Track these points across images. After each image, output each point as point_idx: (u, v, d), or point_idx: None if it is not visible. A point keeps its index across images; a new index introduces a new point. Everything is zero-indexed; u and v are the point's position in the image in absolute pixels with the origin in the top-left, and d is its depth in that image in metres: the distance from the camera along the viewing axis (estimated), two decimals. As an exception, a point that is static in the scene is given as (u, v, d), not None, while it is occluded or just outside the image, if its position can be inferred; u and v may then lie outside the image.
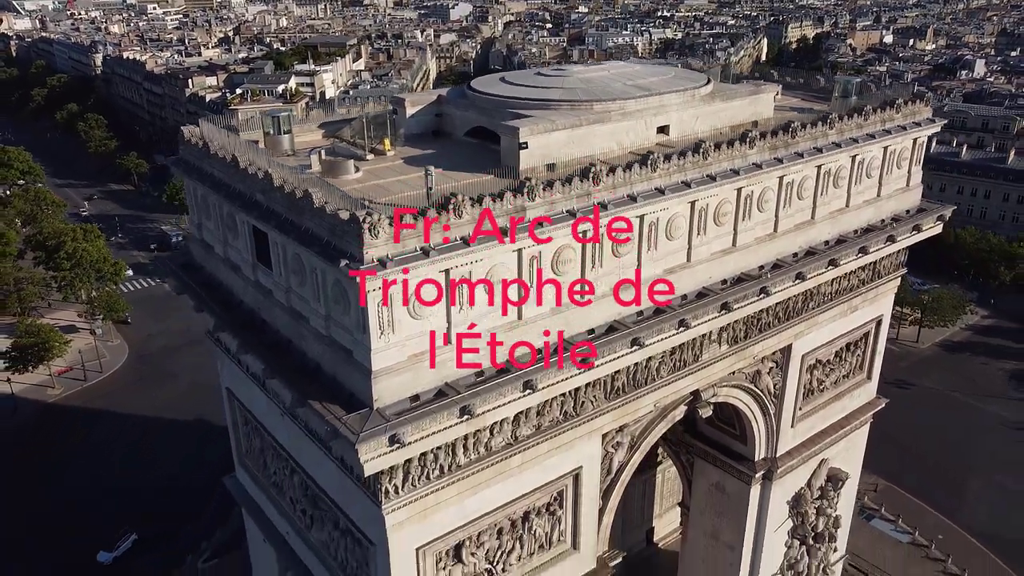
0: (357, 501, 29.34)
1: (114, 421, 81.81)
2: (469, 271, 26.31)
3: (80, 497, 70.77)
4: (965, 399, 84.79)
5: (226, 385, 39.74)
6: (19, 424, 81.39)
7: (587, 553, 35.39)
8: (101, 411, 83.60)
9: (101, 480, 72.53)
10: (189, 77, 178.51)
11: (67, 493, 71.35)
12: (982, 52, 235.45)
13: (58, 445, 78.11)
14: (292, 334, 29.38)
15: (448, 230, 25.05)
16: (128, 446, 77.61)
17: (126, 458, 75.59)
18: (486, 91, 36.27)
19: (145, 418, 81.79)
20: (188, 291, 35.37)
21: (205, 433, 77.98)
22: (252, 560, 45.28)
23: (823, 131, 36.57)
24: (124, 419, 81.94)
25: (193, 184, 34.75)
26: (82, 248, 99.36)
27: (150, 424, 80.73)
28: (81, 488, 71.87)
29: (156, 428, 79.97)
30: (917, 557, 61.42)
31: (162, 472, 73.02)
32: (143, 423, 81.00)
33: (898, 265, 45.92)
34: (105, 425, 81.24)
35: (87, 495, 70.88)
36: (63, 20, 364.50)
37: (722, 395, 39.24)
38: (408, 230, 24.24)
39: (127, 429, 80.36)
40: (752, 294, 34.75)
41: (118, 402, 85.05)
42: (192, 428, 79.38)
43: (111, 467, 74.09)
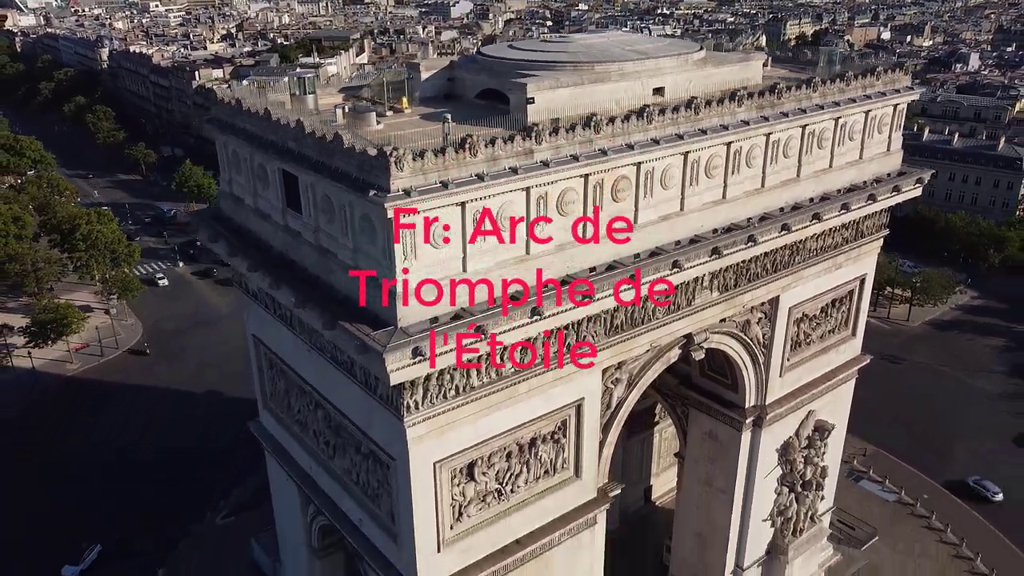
0: (379, 421, 32.27)
1: (130, 392, 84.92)
2: (482, 206, 29.25)
3: (103, 459, 73.91)
4: (952, 372, 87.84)
5: (252, 332, 42.76)
6: (41, 394, 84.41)
7: (589, 482, 38.30)
8: (118, 384, 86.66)
9: (122, 446, 75.40)
10: (196, 69, 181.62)
11: (90, 457, 74.33)
12: (978, 47, 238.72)
13: (78, 414, 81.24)
14: (320, 270, 32.32)
15: (465, 165, 27.99)
16: (145, 415, 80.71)
17: (143, 425, 78.66)
18: (495, 55, 39.27)
19: (159, 389, 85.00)
20: (220, 238, 38.28)
21: (215, 403, 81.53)
22: (275, 503, 48.18)
23: (807, 93, 39.51)
24: (140, 390, 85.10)
25: (226, 140, 37.64)
26: (97, 230, 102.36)
27: (164, 395, 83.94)
28: (103, 452, 74.98)
29: (170, 399, 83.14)
30: (903, 514, 64.36)
31: (177, 437, 76.08)
32: (158, 394, 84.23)
33: (880, 226, 48.71)
34: (122, 396, 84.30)
35: (109, 459, 73.98)
36: (67, 17, 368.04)
37: (714, 341, 42.16)
38: (429, 164, 27.18)
39: (143, 400, 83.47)
40: (740, 242, 37.66)
41: (134, 376, 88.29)
42: (203, 398, 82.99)
43: (130, 433, 76.95)
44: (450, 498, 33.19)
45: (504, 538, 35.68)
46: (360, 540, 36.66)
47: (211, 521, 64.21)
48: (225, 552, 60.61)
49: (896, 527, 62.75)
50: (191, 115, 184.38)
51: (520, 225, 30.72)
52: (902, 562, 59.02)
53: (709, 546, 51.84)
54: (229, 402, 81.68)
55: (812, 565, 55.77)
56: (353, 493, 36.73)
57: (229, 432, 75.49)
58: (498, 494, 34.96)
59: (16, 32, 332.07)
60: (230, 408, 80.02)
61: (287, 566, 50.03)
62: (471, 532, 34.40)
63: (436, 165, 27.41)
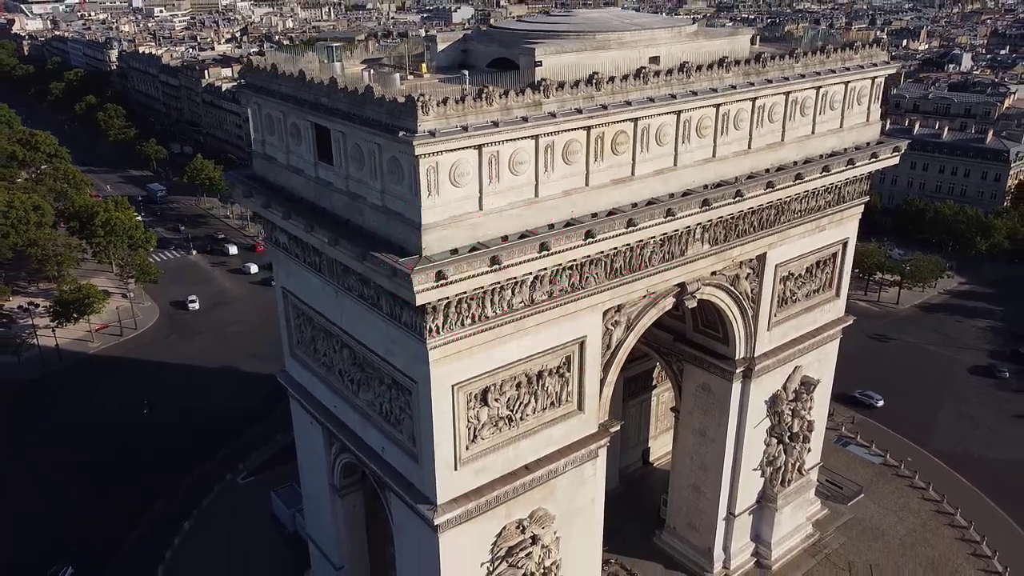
0: (402, 350, 35.87)
1: (151, 367, 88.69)
2: (497, 151, 32.99)
3: (126, 421, 77.84)
4: (939, 350, 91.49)
5: (281, 285, 46.39)
6: (66, 369, 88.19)
7: (590, 416, 41.88)
8: (139, 360, 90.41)
9: (147, 415, 79.14)
10: (205, 68, 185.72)
11: (116, 421, 78.08)
12: (972, 50, 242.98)
13: (103, 385, 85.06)
14: (351, 213, 36.00)
15: (482, 112, 31.71)
16: (165, 385, 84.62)
17: (165, 394, 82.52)
18: (505, 27, 43.09)
19: (178, 364, 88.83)
20: (255, 192, 41.98)
21: (232, 376, 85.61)
22: (299, 448, 51.68)
23: (790, 63, 43.35)
24: (160, 365, 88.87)
25: (260, 103, 41.37)
26: (115, 217, 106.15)
27: (184, 369, 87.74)
28: (124, 415, 78.88)
29: (189, 372, 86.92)
30: (887, 475, 67.88)
31: (197, 405, 79.87)
32: (177, 368, 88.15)
33: (861, 193, 52.44)
34: (143, 370, 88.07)
35: (132, 421, 77.93)
36: (74, 21, 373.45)
37: (706, 293, 45.80)
38: (451, 110, 30.90)
39: (163, 373, 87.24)
40: (728, 196, 41.40)
41: (153, 352, 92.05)
42: (220, 372, 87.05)
43: (153, 403, 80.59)
44: (466, 420, 36.77)
45: (514, 462, 39.22)
46: (383, 466, 40.16)
47: (232, 481, 67.77)
48: (246, 507, 64.26)
49: (881, 486, 66.30)
50: (200, 113, 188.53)
51: (530, 171, 34.43)
52: (886, 516, 62.50)
53: (703, 494, 55.39)
54: (245, 376, 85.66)
55: (800, 516, 59.32)
56: (376, 423, 40.30)
57: (246, 402, 79.61)
58: (508, 420, 38.53)
59: (24, 36, 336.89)
60: (247, 381, 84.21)
61: (309, 509, 53.53)
62: (485, 453, 37.95)
63: (457, 111, 31.14)
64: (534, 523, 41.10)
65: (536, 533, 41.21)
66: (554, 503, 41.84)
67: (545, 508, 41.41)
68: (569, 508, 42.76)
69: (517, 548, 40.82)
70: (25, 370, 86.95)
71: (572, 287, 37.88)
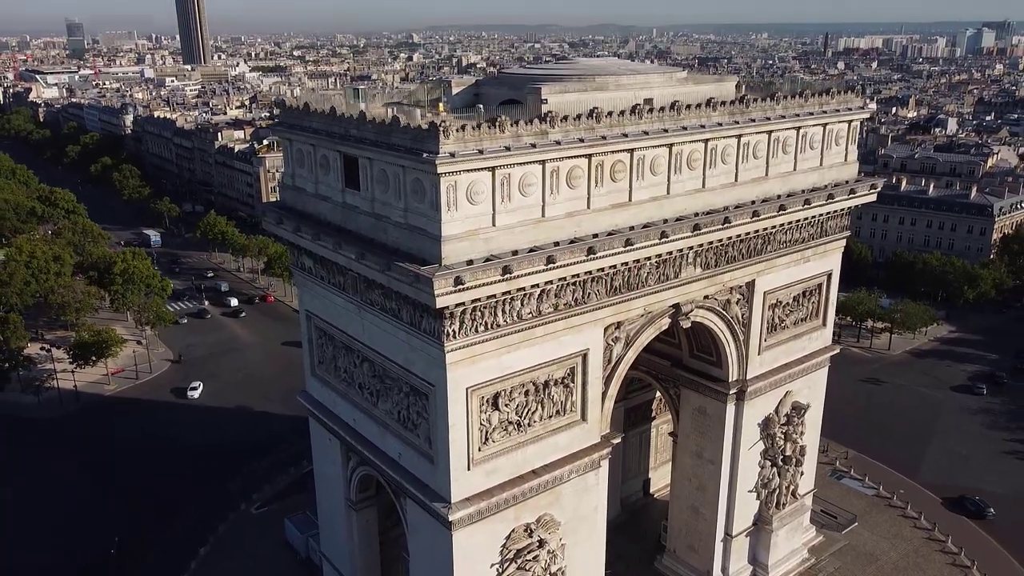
0: (421, 357, 39.22)
1: (166, 407, 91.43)
2: (508, 173, 37.02)
3: (143, 454, 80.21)
4: (930, 392, 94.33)
5: (305, 308, 49.96)
6: (83, 408, 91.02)
7: (593, 426, 44.89)
8: (154, 400, 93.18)
9: (160, 446, 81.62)
10: (218, 131, 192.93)
11: (133, 456, 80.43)
12: (959, 116, 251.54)
13: (120, 423, 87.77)
14: (374, 232, 39.81)
15: (495, 139, 35.84)
16: (180, 423, 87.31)
17: (180, 430, 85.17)
18: (513, 72, 47.69)
19: (192, 405, 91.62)
20: (285, 219, 45.89)
21: (245, 415, 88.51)
22: (316, 465, 54.44)
23: (771, 105, 47.83)
24: (175, 405, 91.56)
25: (292, 137, 45.64)
26: (133, 266, 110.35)
27: (198, 408, 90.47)
28: (141, 450, 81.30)
29: (204, 411, 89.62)
30: (880, 505, 70.13)
31: (211, 442, 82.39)
32: (191, 407, 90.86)
33: (842, 228, 56.38)
34: (158, 409, 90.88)
35: (148, 455, 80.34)
36: (89, 89, 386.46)
37: (700, 316, 49.29)
38: (469, 135, 35.04)
39: (178, 412, 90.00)
40: (717, 222, 45.30)
41: (168, 393, 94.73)
42: (233, 411, 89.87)
43: (171, 439, 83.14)
44: (479, 422, 39.86)
45: (522, 466, 42.11)
46: (400, 472, 42.97)
47: (246, 511, 69.99)
48: (260, 534, 66.41)
49: (874, 515, 68.50)
50: (212, 173, 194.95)
51: (537, 193, 38.41)
52: (879, 542, 64.58)
53: (701, 515, 57.78)
54: (258, 415, 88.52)
55: (796, 540, 61.51)
56: (394, 431, 43.32)
57: (259, 438, 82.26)
58: (517, 425, 41.59)
59: (40, 103, 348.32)
60: (260, 419, 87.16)
61: (325, 526, 55.89)
62: (495, 456, 40.90)
63: (474, 136, 35.30)
64: (541, 527, 43.70)
65: (543, 537, 43.74)
66: (560, 509, 44.47)
67: (551, 514, 44.05)
68: (574, 515, 45.35)
69: (525, 551, 43.31)
70: (45, 409, 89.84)
71: (575, 301, 41.43)
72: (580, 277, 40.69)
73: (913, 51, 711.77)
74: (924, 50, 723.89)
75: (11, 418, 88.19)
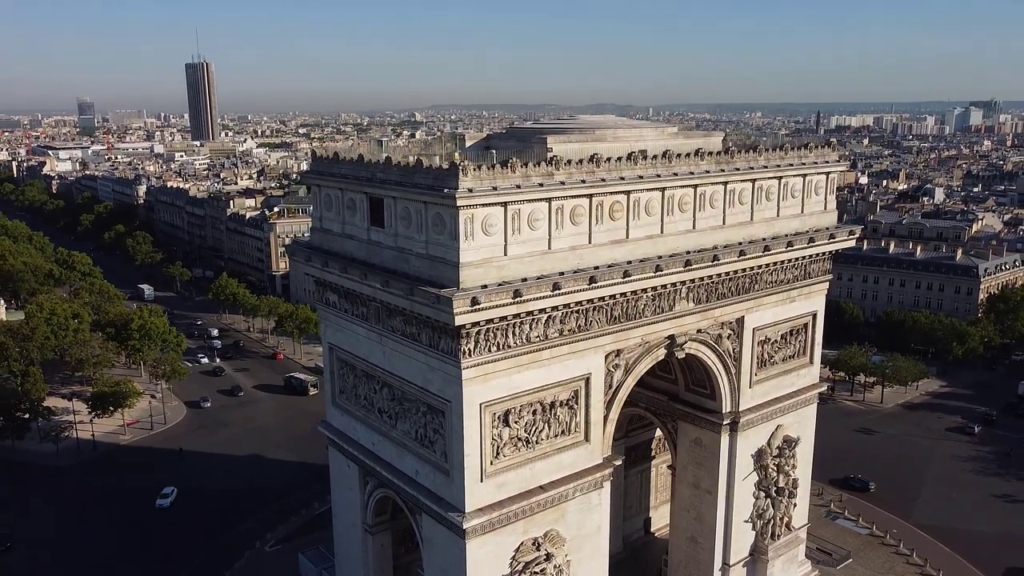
0: (439, 375, 43.10)
1: (179, 455, 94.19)
2: (519, 209, 41.68)
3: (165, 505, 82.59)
4: (921, 441, 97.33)
5: (328, 341, 53.98)
6: (101, 456, 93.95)
7: (595, 447, 48.38)
8: (169, 448, 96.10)
9: (179, 495, 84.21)
10: (231, 199, 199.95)
11: (150, 499, 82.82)
12: (948, 188, 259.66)
13: (137, 469, 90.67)
14: (397, 264, 44.25)
15: (507, 178, 40.62)
16: (195, 469, 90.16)
17: (195, 476, 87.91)
18: (521, 127, 52.95)
19: (207, 453, 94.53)
20: (313, 256, 50.37)
21: (257, 462, 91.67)
22: (333, 490, 57.42)
23: (754, 156, 52.92)
24: (189, 453, 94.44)
25: (321, 183, 50.53)
26: (150, 322, 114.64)
27: (212, 456, 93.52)
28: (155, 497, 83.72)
29: (218, 458, 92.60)
30: (874, 544, 72.58)
31: (226, 486, 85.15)
32: (206, 455, 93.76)
33: (825, 271, 60.83)
34: (174, 456, 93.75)
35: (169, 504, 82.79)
36: (101, 162, 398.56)
37: (693, 348, 53.27)
38: (484, 174, 39.83)
39: (193, 459, 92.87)
40: (707, 258, 49.77)
41: (183, 442, 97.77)
42: (247, 458, 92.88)
43: (185, 486, 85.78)
44: (491, 436, 43.46)
45: (530, 481, 45.48)
46: (416, 488, 46.26)
47: (260, 548, 72.37)
48: (274, 570, 68.67)
49: (868, 552, 70.96)
50: (223, 239, 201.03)
51: (544, 227, 42.99)
52: (873, 577, 66.97)
53: (699, 545, 60.45)
54: (269, 462, 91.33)
55: (792, 572, 63.92)
56: (411, 449, 46.81)
57: (272, 483, 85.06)
58: (526, 442, 45.15)
59: (53, 175, 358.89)
60: (272, 465, 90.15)
61: (340, 551, 58.48)
62: (506, 470, 44.34)
63: (488, 175, 40.09)
64: (548, 542, 46.75)
65: (550, 551, 46.76)
66: (565, 526, 47.56)
67: (557, 529, 47.15)
68: (578, 533, 48.37)
69: (533, 563, 46.28)
70: (64, 457, 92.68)
71: (578, 328, 45.55)
72: (583, 305, 44.93)
73: (903, 128, 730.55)
74: (914, 127, 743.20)
75: (32, 465, 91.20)
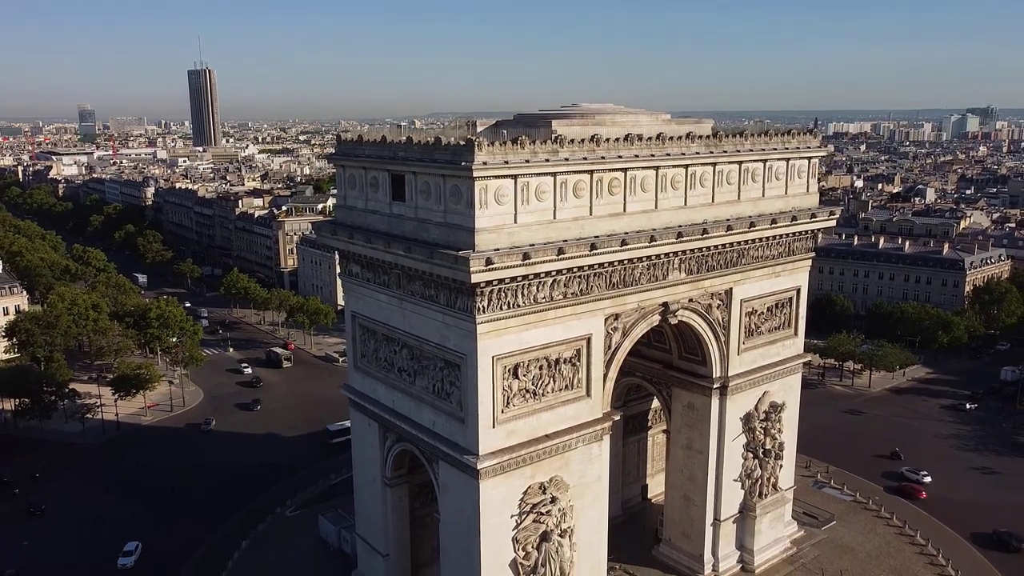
0: (455, 332, 47.95)
1: (199, 435, 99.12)
2: (527, 182, 46.63)
3: (188, 471, 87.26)
4: (907, 421, 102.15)
5: (351, 310, 58.86)
6: (124, 434, 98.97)
7: (596, 402, 53.21)
8: (190, 427, 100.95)
9: (201, 471, 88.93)
10: (239, 199, 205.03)
11: (174, 473, 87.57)
12: (942, 191, 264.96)
13: (160, 447, 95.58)
14: (417, 234, 49.16)
15: (516, 153, 45.59)
16: (216, 446, 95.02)
17: (217, 452, 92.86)
18: (528, 113, 58.04)
19: (226, 432, 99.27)
20: (339, 230, 55.31)
21: (275, 440, 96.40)
22: (354, 447, 62.25)
23: (741, 140, 57.94)
24: (206, 434, 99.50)
25: (345, 164, 55.48)
26: (168, 312, 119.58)
27: (231, 434, 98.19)
28: (187, 471, 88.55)
29: (236, 437, 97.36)
30: (857, 509, 77.34)
31: (247, 460, 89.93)
32: (225, 434, 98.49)
33: (808, 249, 65.77)
34: (194, 435, 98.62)
35: (192, 479, 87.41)
36: (107, 167, 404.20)
37: (685, 316, 58.16)
38: (496, 149, 44.80)
39: (213, 437, 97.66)
40: (697, 231, 54.74)
41: (202, 423, 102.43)
42: (264, 436, 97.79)
43: (206, 462, 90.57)
44: (502, 387, 48.28)
45: (537, 430, 50.28)
46: (433, 437, 51.06)
47: (282, 513, 77.12)
48: (295, 532, 73.43)
49: (851, 516, 75.72)
50: (232, 238, 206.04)
51: (550, 199, 47.94)
52: (855, 536, 71.64)
53: (692, 503, 65.22)
54: (286, 439, 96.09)
55: (778, 529, 68.67)
56: (429, 402, 51.65)
57: (290, 457, 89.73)
58: (533, 394, 50.00)
59: (60, 179, 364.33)
60: (288, 442, 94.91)
61: (360, 505, 63.17)
62: (515, 418, 49.15)
63: (501, 151, 45.04)
64: (553, 486, 51.49)
65: (555, 495, 51.48)
66: (568, 473, 52.34)
67: (561, 476, 51.90)
68: (580, 481, 53.15)
69: (540, 505, 51.00)
70: (90, 436, 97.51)
71: (580, 292, 50.44)
72: (584, 271, 49.83)
73: (900, 135, 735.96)
74: (911, 134, 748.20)
75: (60, 444, 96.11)
